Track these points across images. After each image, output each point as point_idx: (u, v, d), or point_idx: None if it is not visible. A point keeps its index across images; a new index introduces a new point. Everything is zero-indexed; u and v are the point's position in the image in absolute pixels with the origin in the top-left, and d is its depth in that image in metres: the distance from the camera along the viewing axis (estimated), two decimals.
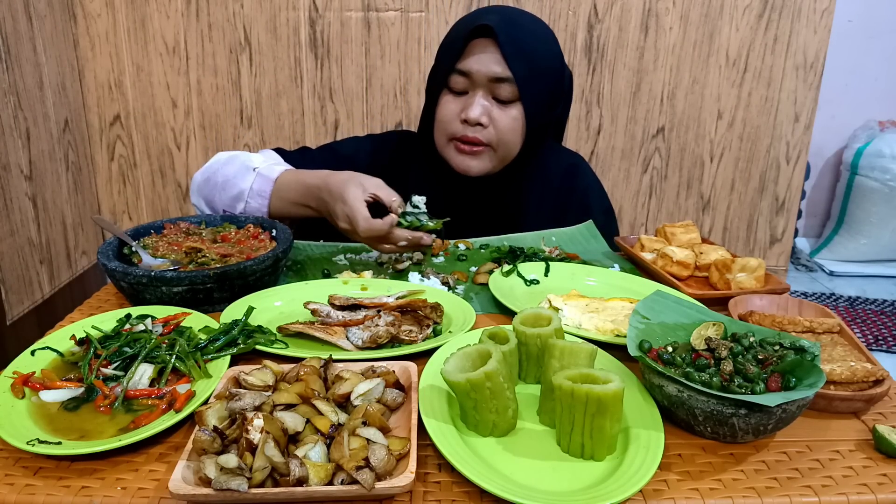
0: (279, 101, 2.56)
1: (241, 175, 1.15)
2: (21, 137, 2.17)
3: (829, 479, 0.60)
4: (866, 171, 3.14)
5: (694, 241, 1.14)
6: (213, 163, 1.20)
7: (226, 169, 1.17)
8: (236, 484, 0.52)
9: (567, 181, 1.33)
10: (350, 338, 0.81)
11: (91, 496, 0.56)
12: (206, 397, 0.66)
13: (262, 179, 1.14)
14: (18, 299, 2.18)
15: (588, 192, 1.34)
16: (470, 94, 1.16)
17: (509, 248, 1.17)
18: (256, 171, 1.15)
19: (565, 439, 0.61)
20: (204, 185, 1.19)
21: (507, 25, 1.12)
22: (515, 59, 1.11)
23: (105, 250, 0.95)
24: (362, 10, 2.46)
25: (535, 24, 1.19)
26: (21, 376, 0.70)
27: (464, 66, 1.14)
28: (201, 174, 1.20)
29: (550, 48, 1.19)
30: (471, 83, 1.15)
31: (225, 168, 1.17)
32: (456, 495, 0.57)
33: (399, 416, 0.66)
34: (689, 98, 2.60)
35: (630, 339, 0.70)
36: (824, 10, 2.48)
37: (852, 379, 0.70)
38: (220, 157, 1.20)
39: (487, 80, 1.13)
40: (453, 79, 1.16)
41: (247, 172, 1.15)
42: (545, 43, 1.18)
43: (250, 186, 1.14)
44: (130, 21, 2.47)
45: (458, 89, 1.17)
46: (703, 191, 2.74)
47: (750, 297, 0.91)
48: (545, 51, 1.17)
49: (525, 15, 1.20)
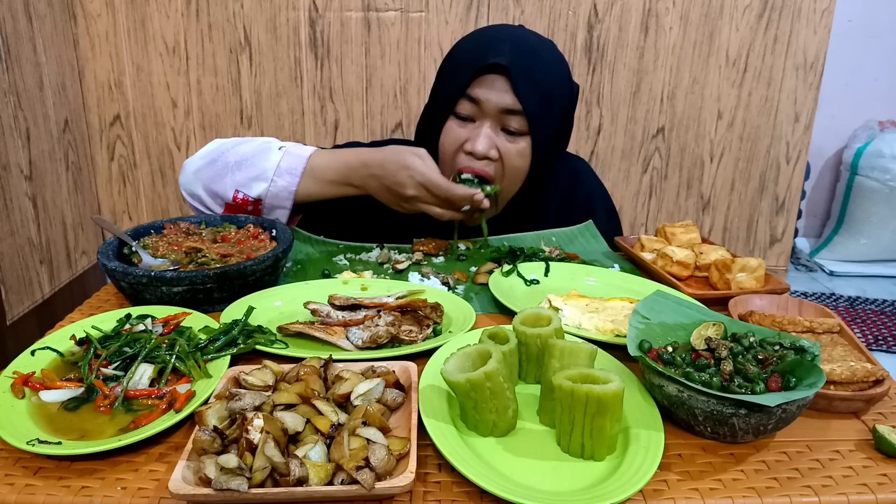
0: (279, 101, 2.57)
1: (262, 154, 1.11)
2: (21, 137, 2.17)
3: (829, 479, 0.60)
4: (866, 171, 3.14)
5: (694, 241, 1.14)
6: (217, 146, 1.15)
7: (240, 149, 1.12)
8: (236, 484, 0.52)
9: (569, 186, 1.32)
10: (350, 338, 0.81)
11: (91, 496, 0.56)
12: (206, 397, 0.66)
13: (292, 157, 1.10)
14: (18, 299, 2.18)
15: (591, 197, 1.34)
16: (477, 124, 1.12)
17: (509, 248, 1.17)
18: (284, 150, 1.11)
19: (565, 439, 0.61)
20: (206, 168, 1.12)
21: (520, 58, 1.09)
22: (527, 93, 1.08)
23: (105, 250, 0.95)
24: (362, 10, 2.46)
25: (546, 51, 1.14)
26: (21, 376, 0.70)
27: (474, 94, 1.10)
28: (200, 158, 1.14)
29: (561, 74, 1.15)
30: (479, 111, 1.11)
31: (238, 148, 1.12)
32: (456, 495, 0.57)
33: (399, 416, 0.66)
34: (689, 98, 2.60)
35: (630, 339, 0.70)
36: (824, 10, 2.49)
37: (852, 379, 0.70)
38: (224, 141, 1.16)
39: (498, 111, 1.10)
40: (462, 104, 1.12)
41: (269, 151, 1.11)
42: (556, 71, 1.14)
43: (277, 165, 1.09)
44: (130, 21, 2.47)
45: (465, 115, 1.13)
46: (703, 191, 2.74)
47: (750, 297, 0.91)
48: (556, 79, 1.14)
49: (537, 41, 1.15)
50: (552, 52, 1.16)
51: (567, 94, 1.17)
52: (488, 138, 1.11)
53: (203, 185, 1.13)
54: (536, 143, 1.13)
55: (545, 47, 1.15)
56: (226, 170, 1.11)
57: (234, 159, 1.11)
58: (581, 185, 1.34)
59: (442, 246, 1.19)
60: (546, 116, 1.12)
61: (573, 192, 1.32)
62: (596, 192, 1.36)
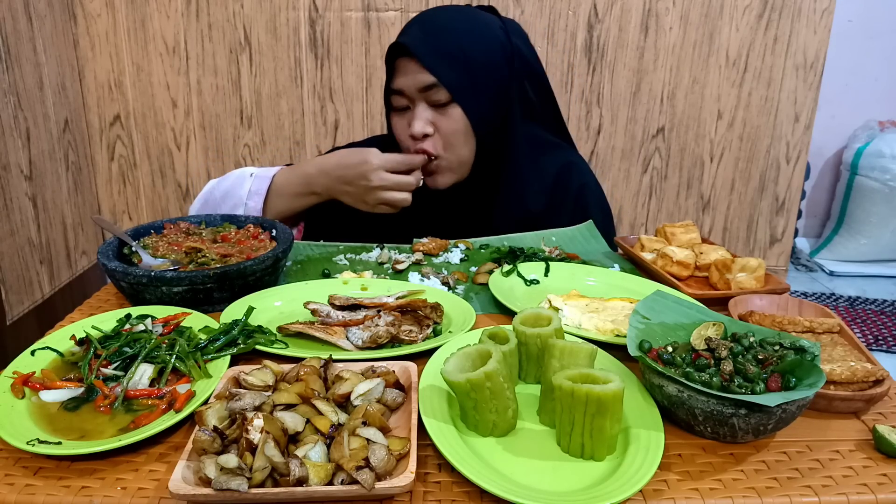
0: (279, 101, 2.57)
1: (238, 183, 1.22)
2: (21, 137, 2.17)
3: (829, 479, 0.60)
4: (866, 171, 3.14)
5: (694, 241, 1.13)
6: (208, 187, 1.26)
7: (222, 185, 1.24)
8: (236, 484, 0.52)
9: (562, 179, 1.32)
10: (350, 338, 0.81)
11: (91, 496, 0.56)
12: (206, 397, 0.66)
13: (259, 180, 1.21)
14: (18, 299, 2.18)
15: (584, 190, 1.33)
16: (411, 109, 1.19)
17: (509, 248, 1.17)
18: (253, 175, 1.22)
19: (565, 439, 0.61)
20: (202, 209, 1.24)
21: (423, 35, 1.16)
22: (436, 64, 1.13)
23: (105, 250, 0.95)
24: (362, 10, 2.46)
25: (460, 22, 1.19)
26: (21, 376, 0.70)
27: (396, 85, 1.18)
28: (197, 201, 1.26)
29: (482, 41, 1.19)
30: (408, 99, 1.18)
31: (221, 184, 1.24)
32: (456, 495, 0.57)
33: (399, 416, 0.66)
34: (689, 98, 2.60)
35: (630, 339, 0.70)
36: (824, 10, 2.49)
37: (852, 379, 0.70)
38: (214, 181, 1.27)
39: (418, 90, 1.15)
40: (394, 98, 1.20)
41: (244, 180, 1.22)
42: (474, 39, 1.18)
43: (248, 190, 1.20)
44: (130, 21, 2.47)
45: (401, 106, 1.20)
46: (703, 191, 2.74)
47: (750, 297, 0.91)
48: (475, 45, 1.17)
49: (447, 13, 1.21)
50: (469, 23, 1.20)
51: (496, 58, 1.19)
52: (420, 118, 1.17)
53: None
54: (466, 107, 1.17)
55: (460, 19, 1.20)
56: (215, 205, 1.24)
57: (219, 195, 1.23)
58: (575, 177, 1.33)
59: (442, 246, 1.19)
60: (468, 80, 1.16)
61: (567, 182, 1.32)
62: (590, 186, 1.35)
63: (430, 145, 1.18)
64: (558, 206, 1.30)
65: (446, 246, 1.19)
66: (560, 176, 1.32)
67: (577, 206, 1.31)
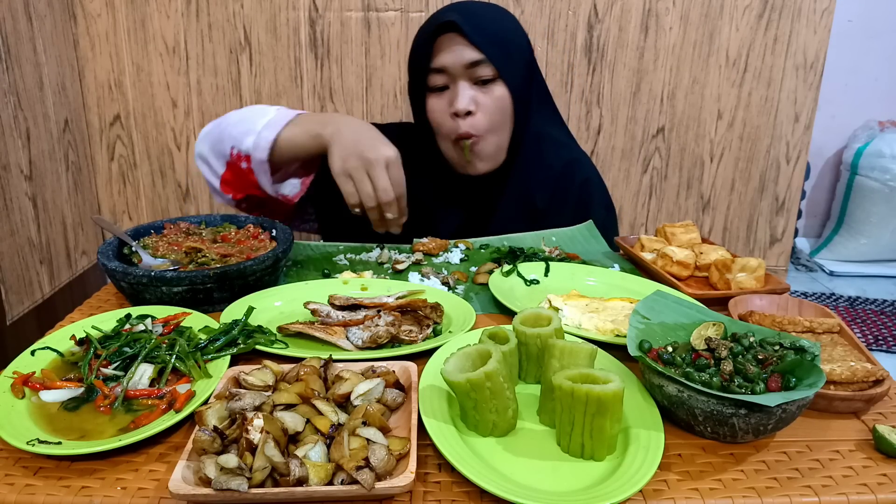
0: (279, 101, 2.56)
1: (259, 113, 1.18)
2: (21, 137, 2.17)
3: (829, 479, 0.60)
4: (866, 171, 3.14)
5: (694, 241, 1.14)
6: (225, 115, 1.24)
7: (242, 111, 1.22)
8: (236, 484, 0.52)
9: (567, 174, 1.33)
10: (350, 338, 0.81)
11: (91, 496, 0.56)
12: (206, 397, 0.66)
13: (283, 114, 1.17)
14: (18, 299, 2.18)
15: (588, 185, 1.34)
16: (452, 88, 1.19)
17: (509, 248, 1.17)
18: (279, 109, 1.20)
19: (565, 439, 0.61)
20: (213, 129, 1.21)
21: (468, 15, 1.17)
22: (484, 41, 1.15)
23: (105, 250, 0.95)
24: (362, 10, 2.45)
25: (494, 9, 1.24)
26: (21, 376, 0.70)
27: (438, 63, 1.17)
28: (210, 124, 1.23)
29: (513, 24, 1.25)
30: (449, 77, 1.18)
31: (241, 111, 1.22)
32: (456, 495, 0.57)
33: (399, 416, 0.66)
34: (689, 98, 2.60)
35: (630, 339, 0.70)
36: (824, 10, 2.48)
37: (852, 379, 0.70)
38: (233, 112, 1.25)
39: (464, 67, 1.16)
40: (432, 78, 1.19)
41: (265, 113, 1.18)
42: (507, 22, 1.24)
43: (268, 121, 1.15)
44: (130, 21, 2.47)
45: (439, 85, 1.19)
46: (703, 191, 2.74)
47: (750, 297, 0.91)
48: (509, 26, 1.23)
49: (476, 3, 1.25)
50: (498, 9, 1.25)
51: (524, 42, 1.25)
52: (466, 95, 1.17)
53: (210, 145, 1.20)
54: (511, 83, 1.18)
55: (489, 7, 1.25)
56: (227, 126, 1.18)
57: (235, 118, 1.19)
58: (579, 172, 1.34)
59: (442, 246, 1.19)
60: (509, 58, 1.19)
61: (571, 177, 1.33)
62: (594, 182, 1.36)
63: (471, 125, 1.18)
64: (562, 200, 1.31)
65: (446, 246, 1.19)
66: (564, 172, 1.33)
67: (581, 202, 1.31)
